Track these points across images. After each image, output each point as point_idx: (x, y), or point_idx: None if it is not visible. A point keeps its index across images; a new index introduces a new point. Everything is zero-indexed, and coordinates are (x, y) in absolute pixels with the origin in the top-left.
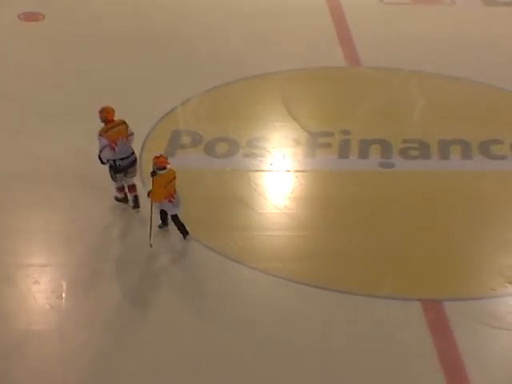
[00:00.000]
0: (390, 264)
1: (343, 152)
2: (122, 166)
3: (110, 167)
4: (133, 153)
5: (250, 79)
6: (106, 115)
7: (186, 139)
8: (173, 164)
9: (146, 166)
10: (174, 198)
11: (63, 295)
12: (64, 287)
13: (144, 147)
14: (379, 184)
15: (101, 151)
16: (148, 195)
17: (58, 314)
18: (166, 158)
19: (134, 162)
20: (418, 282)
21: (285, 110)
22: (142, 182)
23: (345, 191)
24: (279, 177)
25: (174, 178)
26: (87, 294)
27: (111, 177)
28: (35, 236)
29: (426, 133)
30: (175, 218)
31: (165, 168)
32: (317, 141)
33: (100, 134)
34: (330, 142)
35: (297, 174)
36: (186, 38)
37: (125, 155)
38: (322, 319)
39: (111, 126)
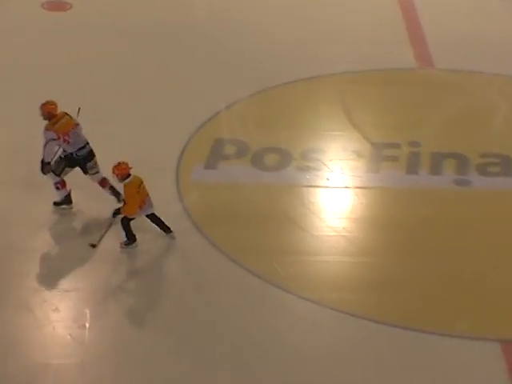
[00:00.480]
0: (464, 298)
1: (412, 167)
2: (79, 157)
3: (64, 158)
4: (88, 143)
5: (305, 81)
6: (50, 109)
7: (230, 149)
8: (215, 177)
9: (182, 179)
10: (144, 203)
11: (86, 325)
12: (87, 316)
13: (182, 157)
14: (453, 205)
15: (45, 145)
16: (117, 213)
17: (80, 347)
18: (127, 164)
19: (91, 153)
20: (498, 320)
21: (345, 117)
22: (179, 198)
23: (413, 212)
24: (337, 194)
25: (142, 182)
26: (114, 323)
27: (56, 169)
28: (55, 256)
29: (509, 146)
30: (153, 216)
31: (129, 175)
32: (381, 153)
33: (47, 129)
34: (397, 154)
35: (357, 191)
36: (232, 32)
37: (81, 145)
38: (384, 359)
39: (56, 119)
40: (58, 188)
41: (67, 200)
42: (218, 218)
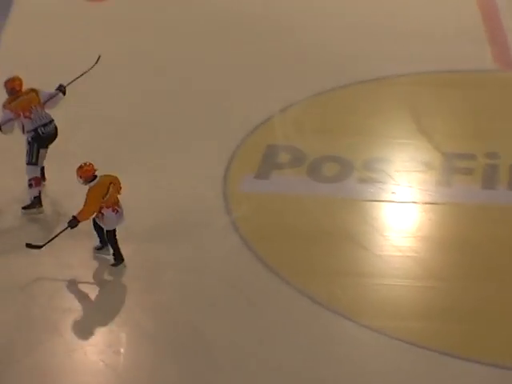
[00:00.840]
0: None
1: (488, 181)
2: (46, 134)
3: (32, 140)
4: (53, 120)
5: (369, 83)
6: (13, 85)
7: (284, 157)
8: (267, 188)
9: (231, 189)
10: (119, 207)
11: (121, 351)
12: (123, 340)
13: (230, 165)
14: None
15: (2, 124)
16: (73, 222)
17: (114, 374)
18: (92, 165)
19: (56, 130)
20: None
21: (413, 123)
22: (226, 211)
23: (488, 232)
24: (403, 210)
25: (111, 182)
26: (152, 350)
27: (30, 159)
28: (90, 272)
29: None
30: (112, 235)
31: (95, 177)
32: (454, 165)
33: (3, 106)
34: (472, 167)
35: (426, 206)
36: (290, 27)
37: (45, 121)
38: None
39: (16, 96)
40: (31, 185)
41: (37, 201)
42: (270, 234)
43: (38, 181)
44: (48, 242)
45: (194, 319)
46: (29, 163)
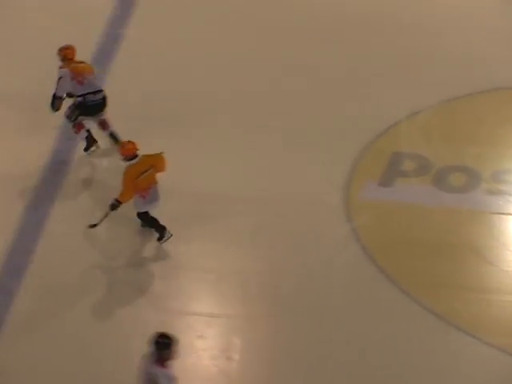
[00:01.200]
0: None
1: None
2: (93, 103)
3: (78, 105)
4: (102, 90)
5: (502, 91)
6: (65, 53)
7: (409, 165)
8: (390, 196)
9: (352, 196)
10: (147, 194)
11: (235, 357)
12: (238, 347)
13: (353, 171)
14: None
15: (58, 80)
16: (115, 204)
17: (226, 380)
18: (134, 144)
19: (105, 100)
20: None
21: None
22: (347, 218)
23: None
24: None
25: (152, 166)
26: (268, 358)
27: (70, 116)
28: (206, 276)
29: None
30: (144, 217)
31: (135, 156)
32: None
33: (61, 66)
34: None
35: None
36: (417, 27)
37: (94, 89)
38: None
39: (69, 63)
40: (76, 132)
41: (90, 140)
42: (391, 243)
43: (80, 125)
44: (101, 220)
45: (313, 328)
46: (67, 117)
